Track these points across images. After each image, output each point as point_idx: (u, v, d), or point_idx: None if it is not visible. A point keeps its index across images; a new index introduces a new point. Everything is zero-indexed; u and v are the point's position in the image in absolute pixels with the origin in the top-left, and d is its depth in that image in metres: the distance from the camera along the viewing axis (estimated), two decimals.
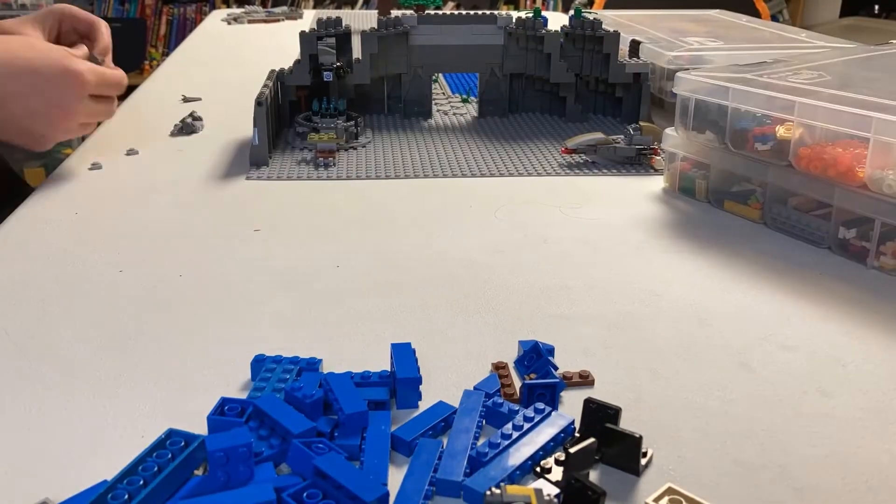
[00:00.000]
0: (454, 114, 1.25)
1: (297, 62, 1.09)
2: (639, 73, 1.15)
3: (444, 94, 1.37)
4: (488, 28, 1.16)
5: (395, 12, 1.26)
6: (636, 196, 0.91)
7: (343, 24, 1.13)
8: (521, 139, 1.12)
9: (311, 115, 1.09)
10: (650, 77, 1.16)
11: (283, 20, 2.22)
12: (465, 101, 1.32)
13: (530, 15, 1.15)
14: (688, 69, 0.91)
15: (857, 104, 0.73)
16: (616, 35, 1.14)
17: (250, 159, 0.99)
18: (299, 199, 0.89)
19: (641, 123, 1.04)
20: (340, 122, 1.06)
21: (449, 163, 1.02)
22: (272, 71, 1.08)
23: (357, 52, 1.14)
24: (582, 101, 1.21)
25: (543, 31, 1.15)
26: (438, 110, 1.26)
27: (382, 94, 1.22)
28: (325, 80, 1.09)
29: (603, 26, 1.14)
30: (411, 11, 1.17)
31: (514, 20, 1.16)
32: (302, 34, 1.09)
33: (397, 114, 1.22)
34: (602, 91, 1.22)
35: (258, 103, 0.95)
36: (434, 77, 1.20)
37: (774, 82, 0.83)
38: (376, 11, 1.86)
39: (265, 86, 0.99)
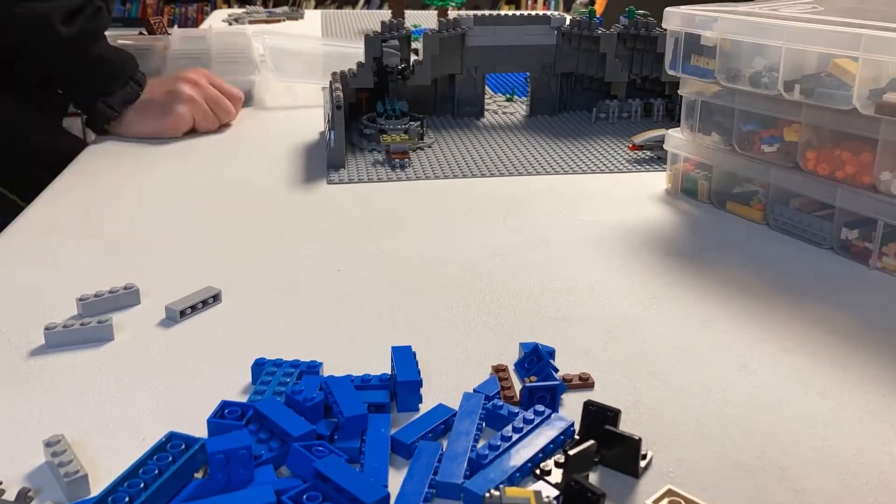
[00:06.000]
0: (503, 112, 1.27)
1: (360, 65, 1.10)
2: None
3: (486, 93, 1.38)
4: (541, 28, 1.19)
5: (408, 12, 1.27)
6: (638, 197, 0.91)
7: (404, 27, 1.15)
8: (569, 136, 1.15)
9: (374, 116, 1.10)
10: None
11: (284, 20, 2.22)
12: (509, 100, 1.34)
13: (585, 16, 1.18)
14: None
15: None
16: None
17: (328, 161, 1.00)
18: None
19: None
20: (412, 124, 1.08)
21: (527, 160, 1.04)
22: (334, 74, 1.08)
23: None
24: (632, 98, 1.23)
25: (599, 32, 1.17)
26: (487, 109, 1.27)
27: (434, 95, 1.23)
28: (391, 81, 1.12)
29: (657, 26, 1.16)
30: (436, 11, 1.19)
31: (567, 21, 1.19)
32: (367, 37, 1.11)
33: (448, 114, 1.24)
34: (649, 89, 1.24)
35: (337, 107, 0.96)
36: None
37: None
38: (378, 12, 1.87)
39: (337, 89, 0.99)
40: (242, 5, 3.54)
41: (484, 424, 0.50)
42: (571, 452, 0.45)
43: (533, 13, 1.24)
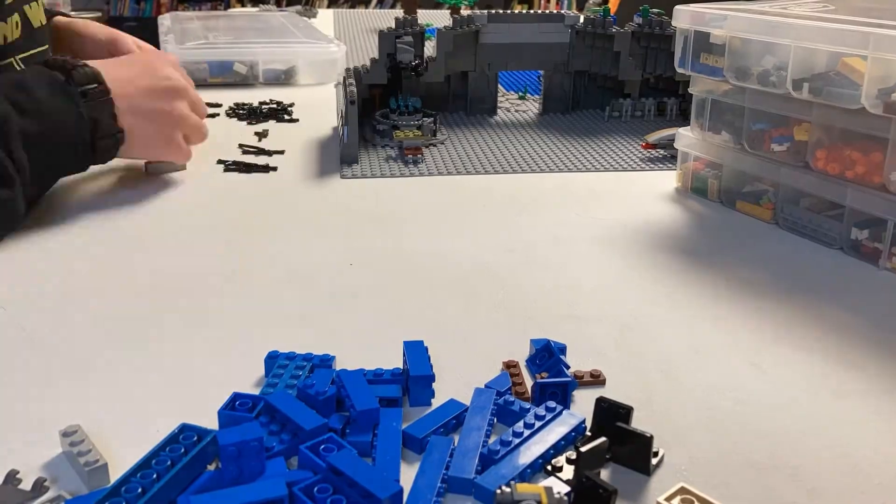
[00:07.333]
0: (516, 110, 1.27)
1: (373, 60, 1.10)
2: None
3: (499, 91, 1.38)
4: (555, 26, 1.19)
5: (420, 11, 1.27)
6: (648, 195, 0.91)
7: (418, 24, 1.15)
8: (582, 134, 1.15)
9: (388, 112, 1.10)
10: None
11: None
12: (522, 97, 1.34)
13: (599, 14, 1.18)
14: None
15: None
16: None
17: (341, 157, 1.00)
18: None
19: None
20: (425, 120, 1.08)
21: (540, 157, 1.05)
22: (348, 69, 1.08)
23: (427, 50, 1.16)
24: (645, 97, 1.23)
25: (614, 30, 1.17)
26: (499, 107, 1.27)
27: (447, 92, 1.23)
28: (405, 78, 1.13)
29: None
30: (448, 10, 1.19)
31: (581, 19, 1.19)
32: (381, 33, 1.11)
33: (461, 111, 1.24)
34: (663, 88, 1.24)
35: (351, 102, 0.96)
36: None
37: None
38: (390, 11, 1.87)
39: (351, 84, 1.00)
40: (256, 5, 3.54)
41: (495, 420, 0.50)
42: (583, 449, 0.45)
43: (546, 12, 1.24)
